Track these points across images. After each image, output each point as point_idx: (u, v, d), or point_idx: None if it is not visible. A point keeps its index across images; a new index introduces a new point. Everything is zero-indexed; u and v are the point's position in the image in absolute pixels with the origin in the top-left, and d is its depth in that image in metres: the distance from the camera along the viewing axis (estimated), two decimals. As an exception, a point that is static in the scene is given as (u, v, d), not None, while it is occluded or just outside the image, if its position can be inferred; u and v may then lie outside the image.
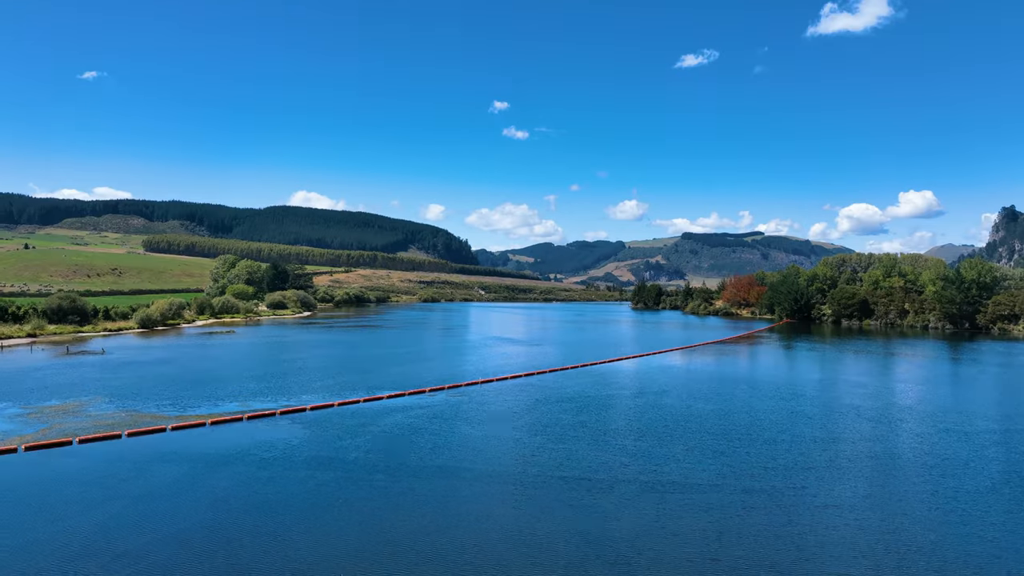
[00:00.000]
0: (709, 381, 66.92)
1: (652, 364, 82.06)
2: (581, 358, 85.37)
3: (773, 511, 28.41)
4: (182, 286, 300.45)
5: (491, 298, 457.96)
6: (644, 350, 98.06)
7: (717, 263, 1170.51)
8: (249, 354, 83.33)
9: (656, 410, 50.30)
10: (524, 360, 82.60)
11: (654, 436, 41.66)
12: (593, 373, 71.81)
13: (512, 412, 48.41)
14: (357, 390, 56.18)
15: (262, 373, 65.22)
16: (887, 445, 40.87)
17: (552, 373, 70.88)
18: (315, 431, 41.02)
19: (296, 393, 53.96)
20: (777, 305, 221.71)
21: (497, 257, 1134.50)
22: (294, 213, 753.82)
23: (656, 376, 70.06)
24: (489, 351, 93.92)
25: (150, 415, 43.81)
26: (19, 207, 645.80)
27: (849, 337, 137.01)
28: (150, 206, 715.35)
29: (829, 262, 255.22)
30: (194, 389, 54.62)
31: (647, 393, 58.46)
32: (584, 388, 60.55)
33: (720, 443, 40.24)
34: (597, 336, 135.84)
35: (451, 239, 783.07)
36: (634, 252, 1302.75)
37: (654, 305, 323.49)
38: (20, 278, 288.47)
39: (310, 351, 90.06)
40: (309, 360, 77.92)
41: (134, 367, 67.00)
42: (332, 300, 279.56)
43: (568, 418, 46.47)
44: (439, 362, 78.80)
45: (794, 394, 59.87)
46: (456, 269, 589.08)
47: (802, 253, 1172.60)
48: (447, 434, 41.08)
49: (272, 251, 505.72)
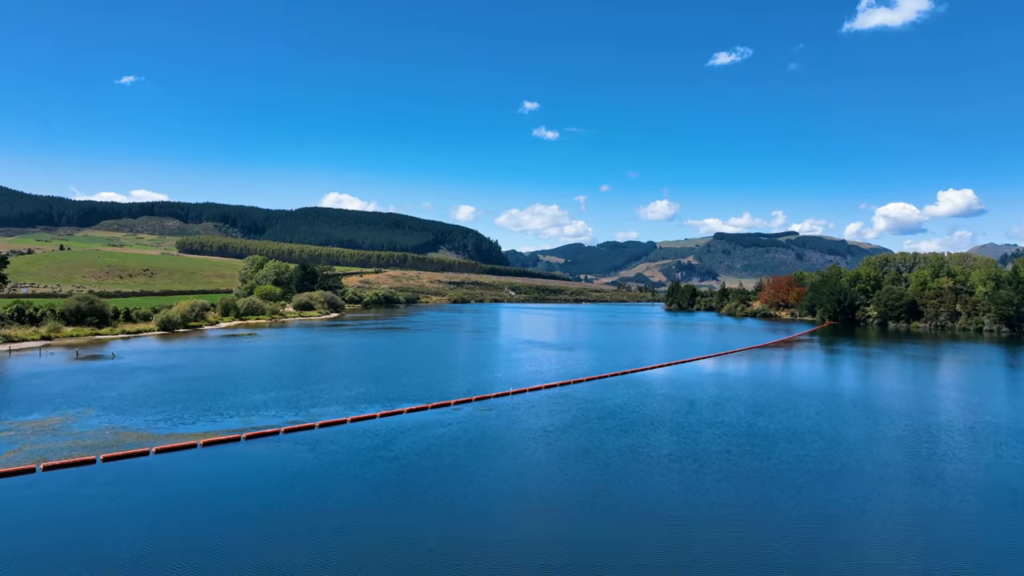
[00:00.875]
0: (766, 392, 59.95)
1: (697, 372, 75.20)
2: (618, 365, 78.91)
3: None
4: (212, 287, 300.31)
5: (521, 299, 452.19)
6: (685, 355, 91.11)
7: (750, 263, 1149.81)
8: (265, 359, 78.54)
9: (713, 429, 43.70)
10: (557, 367, 76.42)
11: (719, 465, 35.14)
12: (633, 382, 65.32)
13: (546, 432, 42.29)
14: (374, 403, 50.61)
15: (274, 382, 60.12)
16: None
17: (588, 382, 64.60)
18: (319, 455, 35.39)
19: (306, 406, 48.57)
20: (819, 307, 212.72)
21: (527, 258, 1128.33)
22: (325, 214, 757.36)
23: (705, 386, 63.30)
24: (519, 356, 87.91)
25: (137, 433, 38.70)
26: (59, 209, 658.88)
27: (901, 341, 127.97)
28: (185, 208, 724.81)
29: (872, 262, 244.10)
30: (196, 401, 49.59)
31: (699, 407, 51.83)
32: (626, 401, 54.17)
33: (805, 477, 33.57)
34: (633, 339, 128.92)
35: (481, 240, 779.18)
36: (665, 252, 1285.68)
37: (688, 306, 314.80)
38: (54, 279, 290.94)
39: (330, 356, 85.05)
40: (327, 366, 72.79)
41: (140, 374, 62.44)
42: (361, 301, 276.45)
43: (612, 441, 40.15)
44: (466, 369, 73.02)
45: (872, 409, 52.64)
46: (486, 270, 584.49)
47: (838, 253, 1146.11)
48: (471, 463, 35.06)
49: (303, 252, 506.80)
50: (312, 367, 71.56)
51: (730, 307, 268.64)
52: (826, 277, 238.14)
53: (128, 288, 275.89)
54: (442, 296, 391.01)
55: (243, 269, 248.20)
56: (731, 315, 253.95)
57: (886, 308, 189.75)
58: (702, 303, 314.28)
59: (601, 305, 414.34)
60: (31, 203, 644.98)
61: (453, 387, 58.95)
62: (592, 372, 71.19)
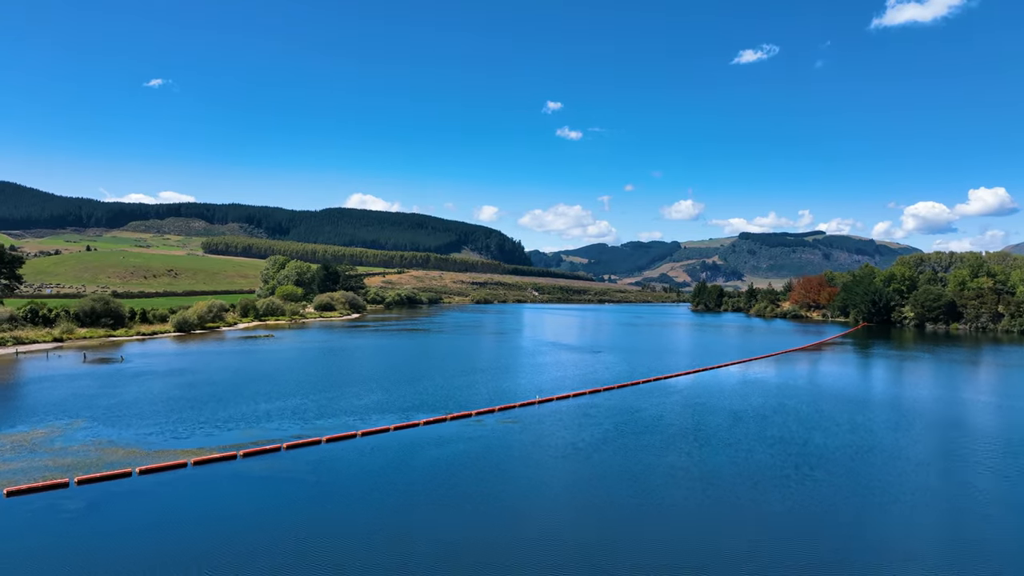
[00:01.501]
0: (814, 401, 54.84)
1: (734, 378, 70.13)
2: (649, 370, 74.13)
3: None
4: (235, 287, 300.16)
5: (545, 299, 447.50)
6: (719, 359, 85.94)
7: (776, 263, 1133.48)
8: (278, 363, 75.05)
9: (765, 447, 38.88)
10: (584, 372, 71.87)
11: (779, 491, 30.36)
12: (667, 390, 60.56)
13: (577, 450, 37.85)
14: (388, 413, 46.57)
15: (283, 388, 56.44)
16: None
17: (620, 390, 60.00)
18: (322, 477, 31.34)
19: (314, 417, 44.67)
20: (852, 307, 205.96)
21: (550, 258, 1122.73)
22: (349, 215, 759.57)
23: (747, 394, 58.34)
24: (544, 360, 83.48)
25: (124, 450, 35.03)
26: (88, 211, 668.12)
27: (945, 344, 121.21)
28: (211, 209, 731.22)
29: (906, 261, 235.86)
30: (197, 410, 45.97)
31: (745, 419, 46.96)
32: (662, 411, 49.49)
33: (880, 505, 28.77)
34: (662, 342, 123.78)
35: (504, 240, 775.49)
36: (690, 252, 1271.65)
37: (715, 307, 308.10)
38: (80, 279, 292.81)
39: (346, 359, 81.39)
40: (341, 371, 69.03)
41: (144, 379, 59.17)
42: (383, 302, 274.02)
43: (653, 461, 35.55)
44: (488, 374, 68.77)
45: (937, 422, 47.39)
46: (509, 270, 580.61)
47: (866, 253, 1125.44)
48: (494, 490, 30.71)
49: (326, 252, 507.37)
50: (325, 372, 67.85)
51: (759, 308, 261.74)
52: (859, 277, 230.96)
53: (151, 288, 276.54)
54: (465, 297, 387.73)
55: (265, 269, 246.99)
56: (760, 316, 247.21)
57: (923, 309, 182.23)
58: (729, 304, 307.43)
59: (625, 306, 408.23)
60: (61, 205, 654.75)
61: (474, 395, 54.77)
62: (622, 378, 66.57)
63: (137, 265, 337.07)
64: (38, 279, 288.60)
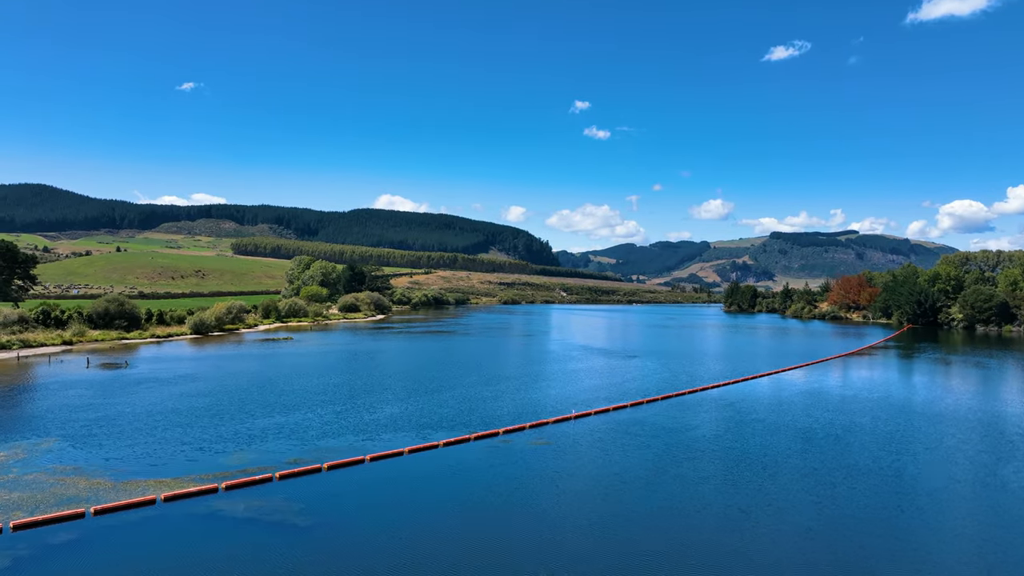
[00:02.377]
0: (888, 417, 47.67)
1: (789, 388, 63.09)
2: (693, 378, 67.47)
3: None
4: (262, 288, 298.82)
5: (573, 300, 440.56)
6: (767, 365, 78.70)
7: (808, 263, 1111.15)
8: (291, 370, 69.90)
9: (851, 480, 32.09)
10: (621, 380, 65.47)
11: (883, 540, 23.89)
12: (718, 402, 53.94)
13: (624, 482, 31.64)
14: (403, 430, 40.86)
15: (291, 398, 51.09)
16: None
17: (663, 402, 53.59)
18: (316, 520, 25.61)
19: (318, 436, 39.06)
20: (896, 308, 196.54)
21: (578, 258, 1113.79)
22: (377, 216, 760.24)
23: (809, 409, 51.44)
24: (576, 366, 77.22)
25: (88, 480, 29.65)
26: (121, 213, 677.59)
27: (1001, 347, 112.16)
28: (240, 210, 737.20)
29: (951, 260, 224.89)
30: (186, 427, 40.70)
31: (816, 441, 40.15)
32: (716, 430, 42.98)
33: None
34: (700, 345, 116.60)
35: (532, 240, 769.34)
36: (719, 252, 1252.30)
37: (749, 308, 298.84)
38: (108, 280, 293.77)
39: (364, 365, 76.04)
40: (357, 378, 63.58)
41: (142, 388, 54.32)
42: (409, 302, 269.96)
43: (718, 500, 29.11)
44: (516, 383, 62.79)
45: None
46: (537, 270, 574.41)
47: (901, 253, 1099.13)
48: (527, 539, 24.75)
49: (354, 253, 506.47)
50: (340, 379, 62.45)
51: (796, 309, 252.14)
52: (902, 277, 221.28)
53: (178, 289, 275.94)
54: (492, 297, 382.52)
55: (290, 270, 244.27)
56: (797, 317, 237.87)
57: (973, 311, 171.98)
58: (763, 305, 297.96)
59: (655, 306, 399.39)
60: (95, 207, 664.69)
61: (501, 408, 48.81)
62: (664, 388, 60.06)
63: (165, 266, 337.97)
64: (68, 280, 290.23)
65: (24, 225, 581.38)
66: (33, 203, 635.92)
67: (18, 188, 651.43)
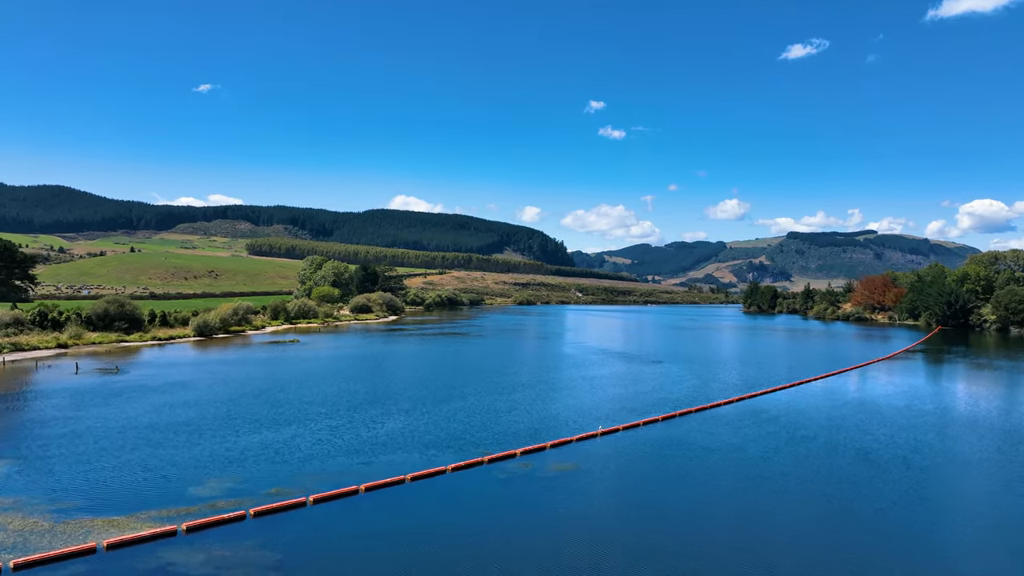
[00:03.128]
0: (964, 435, 41.83)
1: (837, 396, 57.23)
2: (727, 386, 61.88)
3: None
4: (275, 288, 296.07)
5: (588, 300, 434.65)
6: (806, 371, 72.63)
7: (826, 264, 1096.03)
8: (292, 376, 65.16)
9: (942, 522, 26.67)
10: (649, 388, 60.05)
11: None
12: (760, 415, 48.31)
13: (670, 520, 26.22)
14: (406, 451, 35.78)
15: (283, 411, 46.25)
16: None
17: (700, 414, 48.11)
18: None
19: (305, 459, 34.00)
20: (924, 309, 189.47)
21: (593, 259, 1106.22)
22: (391, 216, 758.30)
23: (865, 423, 45.69)
24: (597, 372, 71.84)
25: (22, 520, 24.67)
26: (138, 214, 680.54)
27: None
28: (256, 211, 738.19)
29: (980, 260, 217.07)
30: (156, 447, 35.85)
31: (882, 462, 34.42)
32: (767, 450, 37.41)
33: None
34: (726, 349, 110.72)
35: (547, 240, 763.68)
36: (736, 253, 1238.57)
37: (769, 308, 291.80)
38: (121, 281, 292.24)
39: (370, 370, 71.20)
40: (362, 386, 58.68)
41: (125, 398, 49.75)
42: (422, 303, 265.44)
43: (786, 546, 23.81)
44: (534, 391, 57.63)
45: None
46: (552, 271, 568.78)
47: (920, 252, 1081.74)
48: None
49: (368, 253, 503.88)
50: (341, 388, 57.60)
51: (818, 310, 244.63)
52: (931, 277, 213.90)
53: (190, 289, 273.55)
54: (507, 298, 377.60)
55: (302, 270, 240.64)
56: (820, 319, 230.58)
57: (1007, 312, 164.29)
58: (784, 305, 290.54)
59: (672, 307, 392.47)
60: (112, 208, 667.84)
61: (518, 422, 43.65)
62: (697, 398, 54.59)
63: (178, 266, 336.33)
64: (81, 280, 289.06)
65: (42, 226, 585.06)
66: (51, 204, 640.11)
67: (37, 189, 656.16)
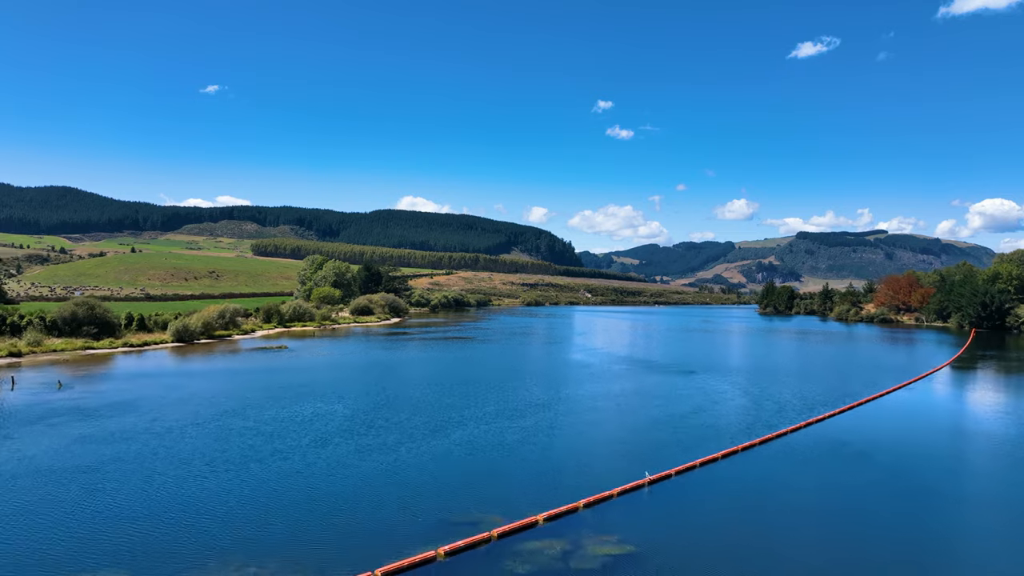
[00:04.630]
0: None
1: (926, 418, 46.91)
2: (783, 404, 51.50)
3: None
4: (277, 289, 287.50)
5: (598, 301, 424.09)
6: (865, 385, 62.01)
7: (836, 264, 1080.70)
8: (260, 394, 55.20)
9: None
10: (688, 408, 49.80)
11: None
12: (847, 446, 37.78)
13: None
14: (375, 520, 25.91)
15: (227, 447, 36.30)
16: None
17: (766, 446, 37.83)
18: None
19: (225, 529, 24.20)
20: (956, 311, 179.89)
21: (601, 259, 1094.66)
22: (398, 217, 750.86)
23: (994, 464, 35.50)
24: (623, 387, 61.60)
25: None
26: (144, 215, 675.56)
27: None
28: (263, 212, 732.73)
29: (1011, 258, 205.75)
30: (25, 517, 26.15)
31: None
32: (878, 509, 27.19)
33: None
34: (761, 356, 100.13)
35: (554, 240, 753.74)
36: (744, 253, 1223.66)
37: (786, 309, 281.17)
38: (119, 282, 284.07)
39: (354, 387, 61.23)
40: (338, 408, 48.65)
41: (38, 427, 39.88)
42: (428, 304, 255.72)
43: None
44: (549, 415, 47.46)
45: None
46: (560, 271, 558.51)
47: (931, 252, 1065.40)
48: None
49: (374, 253, 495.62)
50: (315, 412, 47.65)
51: (840, 311, 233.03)
52: (962, 276, 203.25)
53: (189, 291, 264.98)
54: (515, 299, 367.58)
55: (302, 270, 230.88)
56: (841, 320, 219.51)
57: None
58: (800, 306, 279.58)
59: (684, 308, 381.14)
60: (118, 209, 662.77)
61: (534, 462, 33.57)
62: (755, 424, 44.20)
63: (179, 267, 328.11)
64: (79, 281, 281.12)
65: (49, 227, 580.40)
66: (58, 205, 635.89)
67: (44, 191, 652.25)
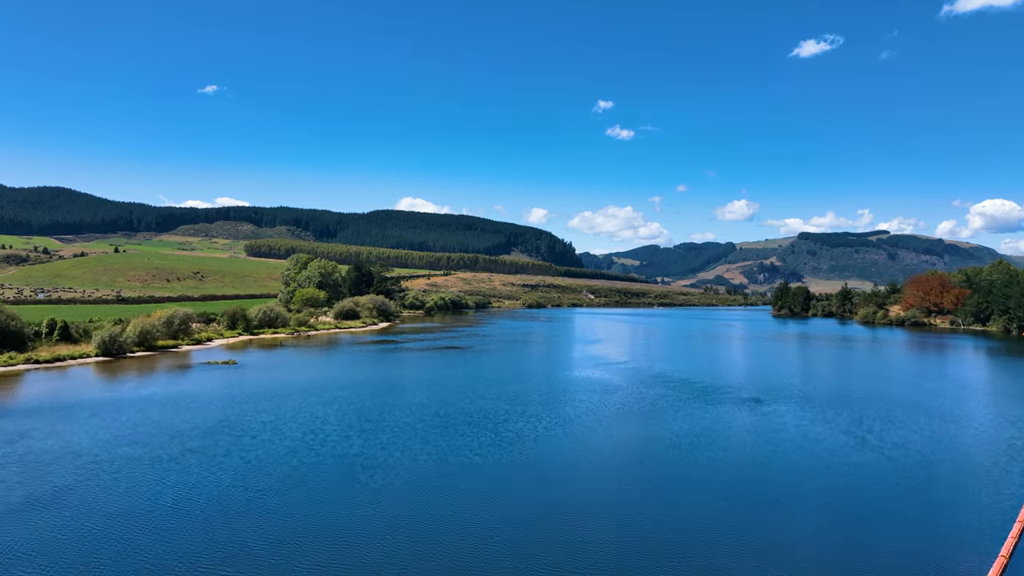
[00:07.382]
0: None
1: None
2: (906, 449, 35.50)
3: None
4: (264, 291, 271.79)
5: (601, 303, 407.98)
6: (974, 407, 46.19)
7: (838, 264, 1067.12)
8: (149, 445, 39.10)
9: None
10: (788, 468, 33.85)
11: None
12: None
13: None
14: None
15: (64, 563, 20.37)
16: None
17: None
18: None
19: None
20: (1001, 313, 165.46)
21: (601, 260, 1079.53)
22: (396, 217, 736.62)
23: None
24: (669, 429, 45.33)
25: None
26: (139, 216, 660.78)
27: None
28: (259, 212, 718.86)
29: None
30: None
31: None
32: None
33: None
34: (823, 372, 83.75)
35: (555, 241, 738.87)
36: (746, 254, 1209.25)
37: (802, 311, 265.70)
38: (96, 283, 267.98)
39: (302, 423, 45.10)
40: (266, 465, 32.65)
41: None
42: (423, 306, 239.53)
43: None
44: (576, 490, 31.51)
45: None
46: (561, 272, 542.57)
47: (934, 253, 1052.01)
48: None
49: (371, 254, 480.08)
50: (199, 480, 31.71)
51: (866, 313, 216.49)
52: (1004, 276, 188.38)
53: (168, 292, 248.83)
54: (515, 300, 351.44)
55: (286, 270, 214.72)
56: (867, 324, 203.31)
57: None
58: (818, 308, 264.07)
59: (690, 310, 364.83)
60: (112, 209, 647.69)
61: (503, 549, 17.74)
62: (879, 484, 28.32)
63: (162, 267, 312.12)
64: (55, 283, 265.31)
65: (41, 228, 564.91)
66: (51, 206, 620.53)
67: (36, 191, 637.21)
